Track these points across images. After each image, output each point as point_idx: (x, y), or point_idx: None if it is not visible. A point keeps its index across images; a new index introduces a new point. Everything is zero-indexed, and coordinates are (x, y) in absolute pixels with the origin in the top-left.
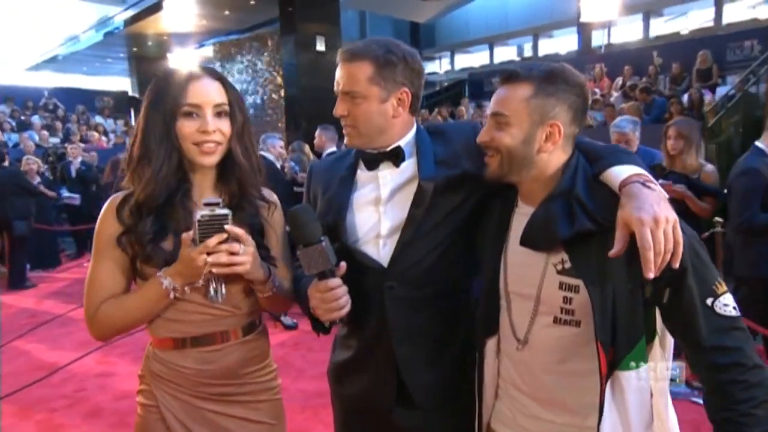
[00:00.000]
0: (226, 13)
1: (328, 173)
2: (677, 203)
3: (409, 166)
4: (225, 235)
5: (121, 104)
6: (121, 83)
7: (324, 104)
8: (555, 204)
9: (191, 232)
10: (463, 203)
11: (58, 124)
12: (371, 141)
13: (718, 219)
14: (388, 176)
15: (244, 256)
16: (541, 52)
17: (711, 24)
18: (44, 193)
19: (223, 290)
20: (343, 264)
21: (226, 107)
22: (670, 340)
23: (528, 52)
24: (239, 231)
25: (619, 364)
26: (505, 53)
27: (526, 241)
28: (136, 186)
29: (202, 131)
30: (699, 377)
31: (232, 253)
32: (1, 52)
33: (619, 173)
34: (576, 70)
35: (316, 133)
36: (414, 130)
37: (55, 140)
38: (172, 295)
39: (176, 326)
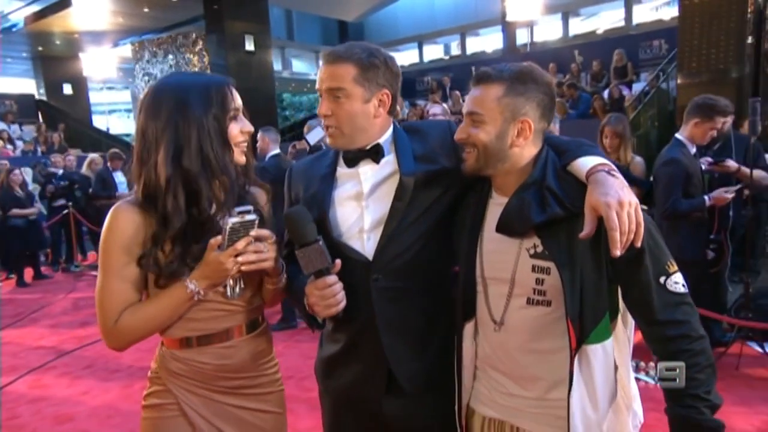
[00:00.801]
0: (146, 10)
1: (307, 173)
2: None
3: (388, 162)
4: (251, 238)
5: (28, 108)
6: (25, 85)
7: (257, 106)
8: (528, 193)
9: (219, 238)
10: (442, 196)
11: None
12: (353, 141)
13: (643, 207)
14: (369, 172)
15: (269, 253)
16: (468, 51)
17: (622, 24)
18: None
19: (242, 285)
20: (339, 261)
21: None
22: (631, 318)
23: (456, 51)
24: (265, 232)
25: (586, 338)
26: (434, 51)
27: (502, 227)
28: (191, 204)
29: (246, 131)
30: (653, 351)
31: (257, 252)
32: None
33: (585, 163)
34: (543, 71)
35: (258, 136)
36: (391, 128)
37: None
38: (196, 298)
39: (194, 324)
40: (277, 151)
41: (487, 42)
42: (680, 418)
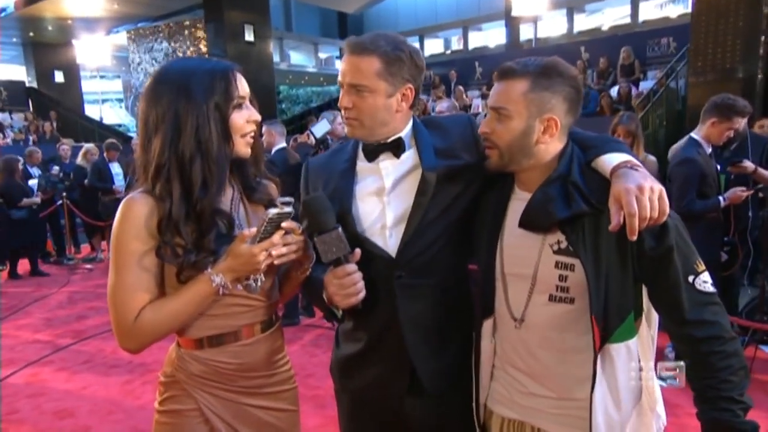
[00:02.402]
0: None
1: (326, 168)
2: None
3: (409, 156)
4: (283, 232)
5: (17, 96)
6: (15, 72)
7: (256, 98)
8: (552, 188)
9: (253, 229)
10: (464, 192)
11: None
12: (372, 133)
13: None
14: (389, 167)
15: (298, 244)
16: (470, 45)
17: (628, 21)
18: None
19: (263, 278)
20: (358, 250)
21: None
22: (654, 317)
23: (457, 45)
24: (294, 224)
25: (610, 337)
26: (436, 45)
27: (525, 222)
28: (186, 192)
29: (253, 120)
30: (680, 351)
31: (287, 245)
32: None
33: (610, 160)
34: (568, 64)
35: (264, 129)
36: (411, 122)
37: None
38: (221, 292)
39: (214, 322)
40: (283, 144)
41: (490, 37)
42: (715, 422)
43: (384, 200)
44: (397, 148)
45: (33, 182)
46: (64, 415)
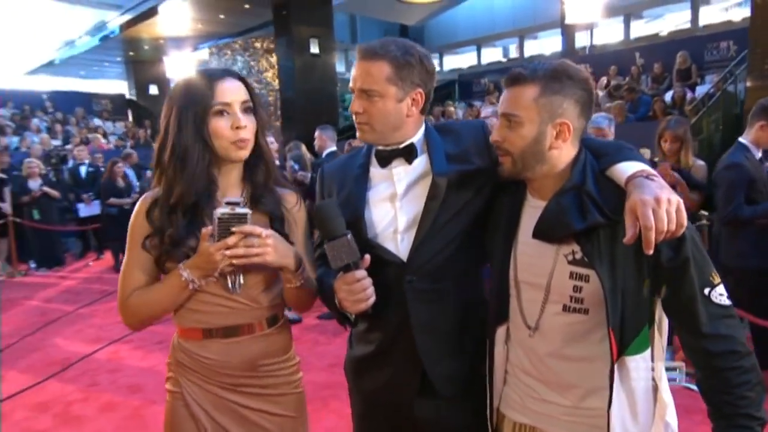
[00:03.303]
0: (221, 16)
1: (340, 173)
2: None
3: (421, 162)
4: (243, 233)
5: (119, 107)
6: (118, 86)
7: (319, 105)
8: (566, 198)
9: (210, 228)
10: (475, 197)
11: (58, 127)
12: (384, 138)
13: (703, 212)
14: (402, 172)
15: (262, 248)
16: (526, 53)
17: (688, 26)
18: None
19: (241, 281)
20: (367, 256)
21: (251, 104)
22: (665, 325)
23: (514, 53)
24: (256, 229)
25: (626, 349)
26: (492, 54)
27: (540, 233)
28: (167, 187)
29: (236, 127)
30: (693, 362)
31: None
32: (1, 57)
33: (625, 169)
34: (578, 67)
35: (316, 134)
36: (423, 128)
37: (57, 143)
38: (191, 287)
39: (198, 316)
40: (333, 148)
41: (546, 45)
42: None
43: (396, 205)
44: (409, 153)
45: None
46: (135, 390)
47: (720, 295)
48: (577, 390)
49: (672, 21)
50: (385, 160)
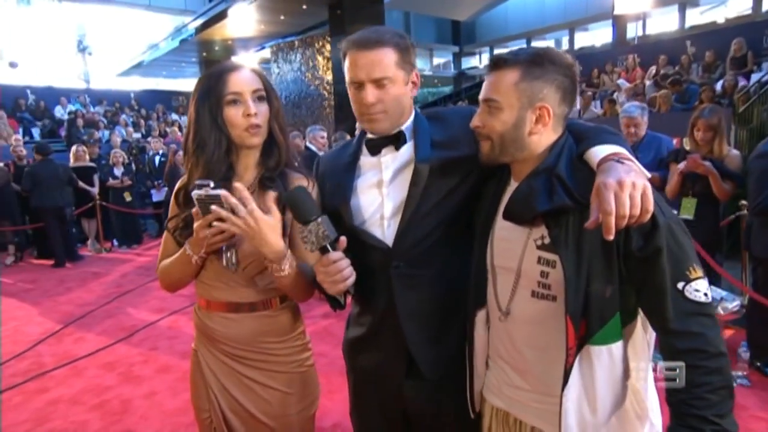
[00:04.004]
0: (282, 17)
1: (333, 162)
2: (701, 185)
3: (408, 149)
4: (223, 212)
5: None
6: (193, 85)
7: None
8: (537, 180)
9: (196, 208)
10: (461, 183)
11: (142, 122)
12: (395, 123)
13: (743, 202)
14: (389, 160)
15: (231, 227)
16: (577, 45)
17: (749, 12)
18: (78, 186)
19: (234, 260)
20: (343, 238)
21: (263, 92)
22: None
23: (565, 45)
24: (222, 212)
25: (591, 338)
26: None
27: (508, 214)
28: (190, 173)
29: (247, 114)
30: (663, 357)
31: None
32: (97, 61)
33: (599, 152)
34: (563, 52)
35: (356, 126)
36: (413, 114)
37: (138, 135)
38: (193, 260)
39: (205, 289)
40: None
41: (597, 36)
42: None
43: (383, 192)
44: (397, 140)
45: None
46: (186, 356)
47: (696, 291)
48: (544, 377)
49: (734, 8)
50: (375, 148)
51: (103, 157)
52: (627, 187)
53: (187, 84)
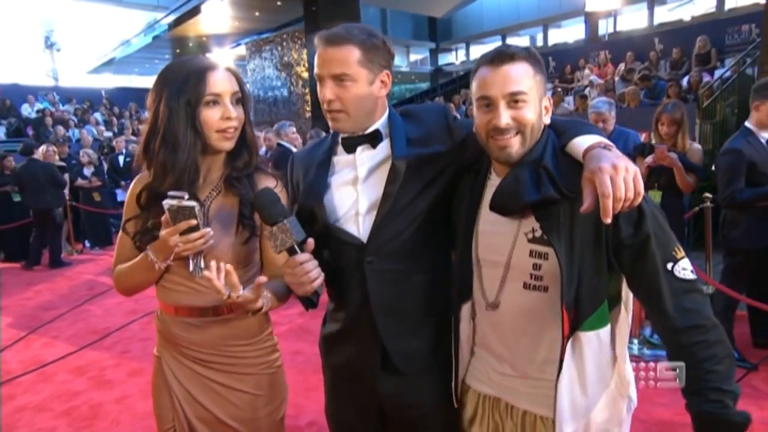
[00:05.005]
0: (257, 14)
1: (307, 160)
2: (666, 177)
3: (383, 146)
4: (193, 222)
5: None
6: None
7: None
8: (523, 171)
9: (166, 215)
10: (436, 179)
11: (114, 120)
12: (359, 124)
13: (707, 195)
14: (365, 157)
15: (200, 238)
16: (550, 42)
17: (713, 10)
18: (63, 184)
19: (202, 265)
20: (311, 240)
21: (239, 95)
22: (631, 304)
23: (539, 42)
24: (192, 222)
25: (581, 325)
26: (517, 44)
27: (495, 205)
28: (157, 174)
29: (226, 117)
30: (662, 340)
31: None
32: (66, 57)
33: (582, 142)
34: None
35: None
36: (387, 112)
37: (109, 134)
38: (157, 267)
39: (169, 294)
40: None
41: (570, 33)
42: (706, 415)
43: (358, 189)
44: (374, 139)
45: None
46: None
47: (683, 269)
48: (536, 363)
49: (700, 6)
50: (350, 146)
51: (74, 157)
52: (621, 170)
53: None
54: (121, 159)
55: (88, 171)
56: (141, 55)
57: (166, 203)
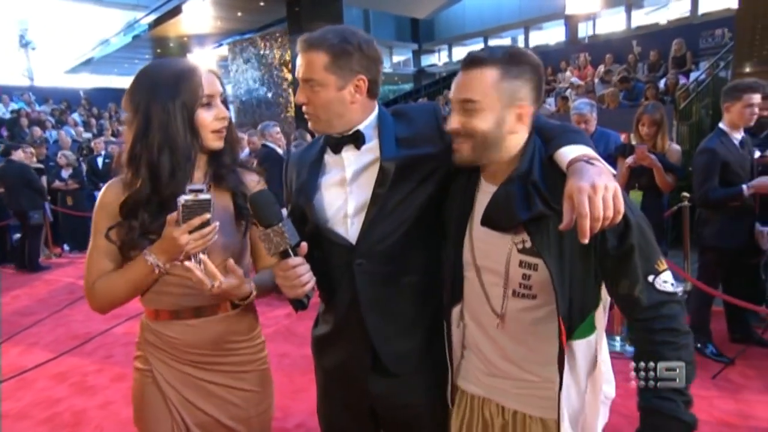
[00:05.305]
0: (239, 14)
1: (300, 161)
2: (647, 178)
3: (371, 148)
4: (207, 216)
5: None
6: None
7: None
8: (513, 186)
9: (175, 214)
10: (426, 181)
11: (93, 121)
12: (331, 126)
13: (685, 194)
14: (351, 158)
15: (211, 233)
16: (531, 44)
17: (688, 14)
18: (42, 189)
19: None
20: (304, 244)
21: (224, 95)
22: (607, 305)
23: (520, 44)
24: (206, 216)
25: (572, 334)
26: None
27: (488, 221)
28: (154, 180)
29: (221, 118)
30: (635, 338)
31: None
32: (43, 57)
33: (567, 154)
34: (531, 51)
35: None
36: (375, 113)
37: (89, 135)
38: (156, 271)
39: (164, 298)
40: None
41: (551, 35)
42: (655, 410)
43: (347, 190)
44: (356, 140)
45: None
46: None
47: (664, 282)
48: (524, 365)
49: (675, 10)
50: (335, 147)
51: (52, 159)
52: (600, 190)
53: None
54: (100, 161)
55: (66, 173)
56: (120, 54)
57: (183, 199)
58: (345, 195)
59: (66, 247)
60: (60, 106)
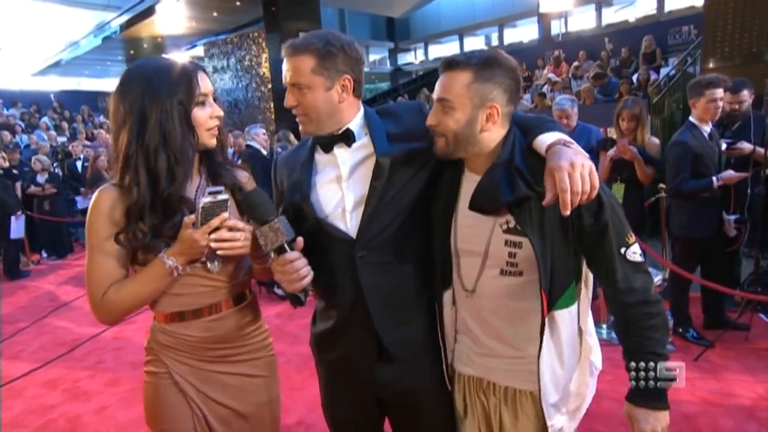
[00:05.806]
0: (215, 14)
1: (290, 162)
2: (628, 171)
3: (363, 144)
4: (225, 216)
5: None
6: None
7: None
8: (497, 173)
9: (193, 216)
10: (419, 173)
11: (65, 125)
12: (322, 126)
13: (662, 185)
14: (345, 155)
15: (245, 241)
16: (506, 41)
17: (654, 12)
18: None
19: (221, 259)
20: (300, 239)
21: (215, 93)
22: (590, 281)
23: (494, 42)
24: (238, 224)
25: (554, 305)
26: (474, 43)
27: (474, 206)
28: (154, 181)
29: (216, 116)
30: (611, 310)
31: (232, 231)
32: (8, 59)
33: (545, 140)
34: (508, 55)
35: None
36: (362, 111)
37: (63, 139)
38: (175, 273)
39: (182, 300)
40: None
41: (524, 33)
42: (641, 370)
43: (343, 186)
44: (347, 137)
45: None
46: (137, 366)
47: (634, 253)
48: (513, 342)
49: (641, 7)
50: (326, 146)
51: (26, 164)
52: (578, 167)
53: (114, 84)
54: (79, 164)
55: (41, 178)
56: (91, 56)
57: (203, 201)
58: (341, 191)
59: (44, 254)
60: (29, 109)
